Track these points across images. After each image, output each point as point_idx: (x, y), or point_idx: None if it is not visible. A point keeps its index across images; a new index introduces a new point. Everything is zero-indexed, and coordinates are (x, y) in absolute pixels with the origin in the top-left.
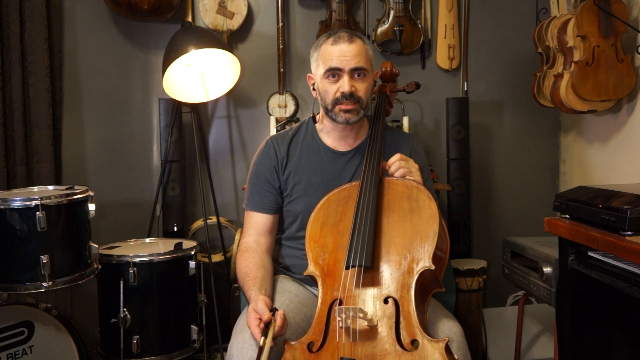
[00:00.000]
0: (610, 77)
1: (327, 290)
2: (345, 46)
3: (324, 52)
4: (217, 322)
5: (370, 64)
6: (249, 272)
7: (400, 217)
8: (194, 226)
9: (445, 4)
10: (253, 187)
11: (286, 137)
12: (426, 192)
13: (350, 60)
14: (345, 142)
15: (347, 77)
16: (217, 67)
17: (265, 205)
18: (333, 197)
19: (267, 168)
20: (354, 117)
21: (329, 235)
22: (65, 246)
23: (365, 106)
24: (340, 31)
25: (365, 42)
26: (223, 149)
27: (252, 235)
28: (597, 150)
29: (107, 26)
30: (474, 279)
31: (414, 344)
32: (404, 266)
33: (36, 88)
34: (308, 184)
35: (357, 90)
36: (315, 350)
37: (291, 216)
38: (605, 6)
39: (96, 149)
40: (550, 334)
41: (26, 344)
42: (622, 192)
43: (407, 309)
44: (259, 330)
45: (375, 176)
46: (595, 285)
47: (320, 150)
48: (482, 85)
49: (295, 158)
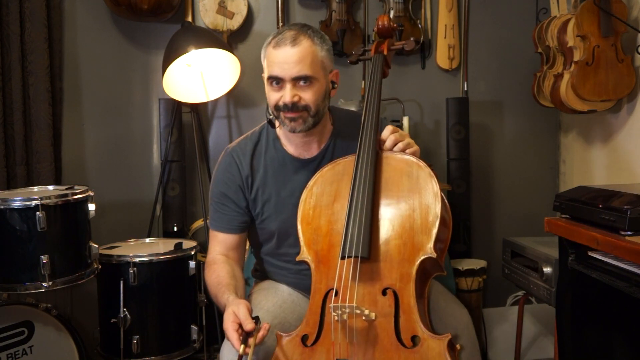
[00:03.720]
0: (610, 77)
1: (321, 278)
2: (287, 50)
3: (268, 55)
4: (217, 322)
5: (320, 67)
6: (221, 280)
7: (400, 198)
8: (194, 226)
9: (445, 4)
10: (216, 207)
11: (247, 150)
12: (427, 170)
13: (292, 68)
14: (310, 147)
15: (290, 85)
16: (217, 67)
17: (231, 225)
18: (327, 172)
19: (231, 187)
20: (300, 126)
21: (322, 217)
22: (65, 246)
23: (315, 113)
24: (286, 30)
25: (315, 42)
26: (223, 149)
27: (219, 250)
28: (597, 150)
29: (107, 26)
30: (474, 279)
31: (414, 340)
32: (404, 254)
33: (36, 88)
34: (278, 200)
35: (301, 99)
36: (309, 345)
37: (266, 234)
38: (605, 6)
39: (96, 149)
40: (550, 334)
41: (26, 344)
42: (622, 192)
43: (407, 301)
44: (238, 336)
45: (372, 152)
46: (595, 285)
47: (285, 160)
48: (482, 85)
49: (260, 173)
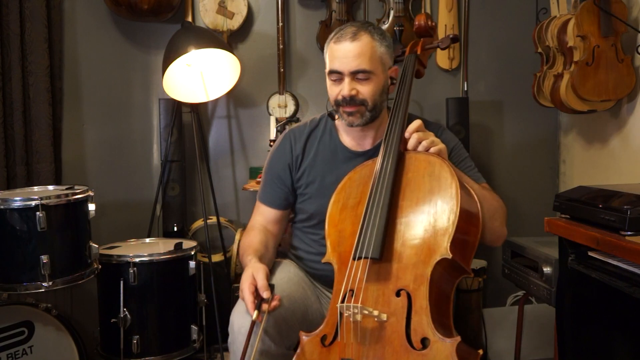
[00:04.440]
0: (610, 77)
1: (340, 279)
2: (347, 45)
3: (329, 50)
4: (217, 322)
5: (379, 62)
6: (251, 244)
7: (420, 198)
8: (194, 226)
9: (445, 4)
10: (265, 180)
11: (304, 133)
12: (449, 169)
13: (351, 62)
14: (364, 141)
15: (348, 79)
16: (217, 67)
17: (275, 201)
18: (355, 175)
19: (280, 164)
20: (358, 120)
21: (347, 219)
22: (65, 246)
23: (372, 107)
24: (347, 26)
25: (375, 38)
26: (223, 149)
27: (260, 221)
28: (597, 150)
29: (107, 26)
30: (474, 279)
31: (424, 343)
32: (419, 255)
33: (36, 88)
34: (322, 184)
35: (359, 93)
36: (327, 345)
37: (305, 214)
38: (605, 6)
39: (96, 149)
40: (550, 334)
41: (26, 344)
42: (622, 192)
43: (420, 303)
44: (252, 298)
45: (393, 152)
46: (595, 285)
47: (337, 149)
48: (482, 85)
49: (310, 156)
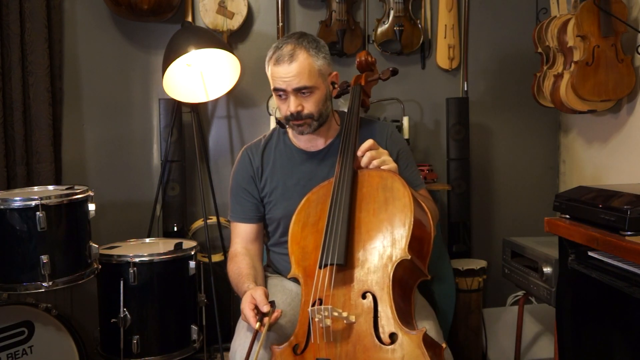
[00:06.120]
0: (610, 77)
1: (308, 291)
2: (285, 67)
3: (270, 70)
4: (217, 322)
5: (318, 76)
6: (241, 271)
7: (376, 209)
8: (194, 226)
9: (445, 4)
10: (234, 199)
11: (259, 146)
12: (401, 181)
13: (292, 82)
14: (317, 142)
15: (292, 97)
16: (217, 67)
17: (247, 215)
18: (312, 196)
19: (245, 178)
20: (307, 129)
21: (309, 236)
22: (65, 246)
23: (318, 117)
24: (283, 43)
25: (311, 53)
26: (223, 149)
27: (239, 243)
28: (597, 150)
29: (107, 26)
30: (474, 279)
31: (392, 338)
32: (381, 259)
33: (36, 88)
34: (285, 188)
35: (305, 108)
36: (299, 353)
37: (273, 222)
38: (605, 6)
39: (96, 149)
40: (550, 334)
41: (26, 344)
42: (622, 192)
43: (385, 303)
44: (254, 314)
45: (347, 171)
46: (595, 285)
47: (292, 153)
48: (482, 85)
49: (270, 165)
